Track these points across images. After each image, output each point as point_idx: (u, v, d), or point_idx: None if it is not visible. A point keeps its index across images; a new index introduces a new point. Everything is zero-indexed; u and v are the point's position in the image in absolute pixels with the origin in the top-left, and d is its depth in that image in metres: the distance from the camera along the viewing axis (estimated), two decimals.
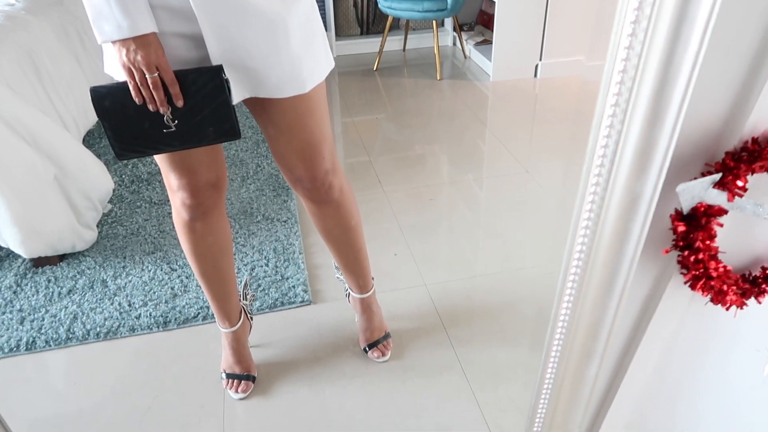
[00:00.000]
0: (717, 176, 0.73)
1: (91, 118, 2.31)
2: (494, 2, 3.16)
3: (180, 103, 1.01)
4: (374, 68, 3.57)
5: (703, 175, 0.77)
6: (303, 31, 1.06)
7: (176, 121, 1.03)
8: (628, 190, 0.66)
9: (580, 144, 2.61)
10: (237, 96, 1.07)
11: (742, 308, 0.85)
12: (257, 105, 1.14)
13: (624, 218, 0.67)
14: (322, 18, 3.74)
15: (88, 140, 2.55)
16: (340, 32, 3.79)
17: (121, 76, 1.00)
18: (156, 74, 0.97)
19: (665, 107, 0.69)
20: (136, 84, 0.98)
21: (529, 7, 3.14)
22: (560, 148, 2.58)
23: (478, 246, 1.94)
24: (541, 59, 3.30)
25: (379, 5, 3.33)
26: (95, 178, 1.95)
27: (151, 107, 1.01)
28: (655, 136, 0.71)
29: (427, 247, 1.93)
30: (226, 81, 1.02)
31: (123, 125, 1.03)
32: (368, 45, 3.82)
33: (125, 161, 2.44)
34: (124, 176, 2.34)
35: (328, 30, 3.77)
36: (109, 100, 1.00)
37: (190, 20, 0.99)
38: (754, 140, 0.70)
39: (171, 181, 1.19)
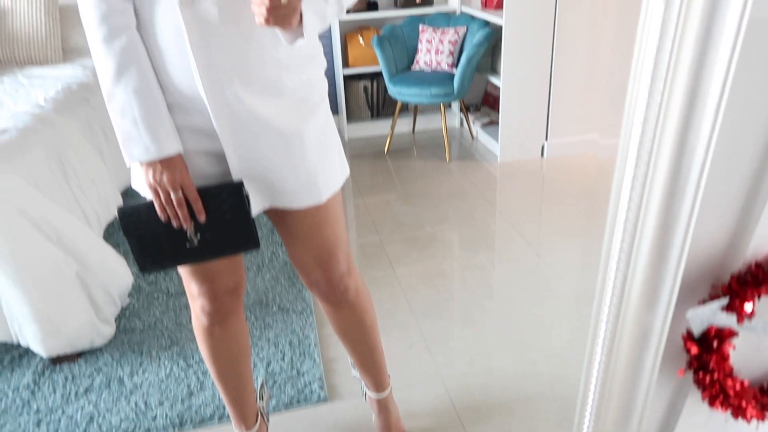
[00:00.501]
0: (725, 300, 0.75)
1: (112, 210, 2.38)
2: (498, 85, 3.29)
3: (202, 219, 1.06)
4: (385, 150, 3.67)
5: (711, 297, 0.79)
6: (319, 142, 1.12)
7: (198, 236, 1.08)
8: (639, 323, 0.68)
9: (590, 226, 2.63)
10: (256, 207, 1.12)
11: (763, 420, 0.85)
12: (275, 213, 1.19)
13: (637, 347, 0.69)
14: (334, 102, 3.89)
15: (110, 230, 2.61)
16: (351, 116, 3.92)
17: (147, 193, 1.06)
18: (180, 193, 1.03)
19: (671, 236, 0.72)
20: (162, 203, 1.03)
21: (533, 89, 3.26)
22: (569, 231, 2.61)
23: (493, 335, 1.93)
24: (546, 139, 3.38)
25: (389, 91, 3.47)
26: (116, 273, 2.00)
27: (174, 224, 1.05)
28: (663, 269, 0.74)
29: (442, 336, 1.93)
30: (246, 196, 1.07)
31: (147, 241, 1.07)
32: (379, 128, 3.94)
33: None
34: None
35: (339, 114, 3.91)
36: (135, 219, 1.05)
37: (212, 138, 1.05)
38: (758, 265, 0.72)
39: (192, 288, 1.22)
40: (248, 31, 0.97)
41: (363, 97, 3.88)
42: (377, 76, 3.80)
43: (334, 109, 3.92)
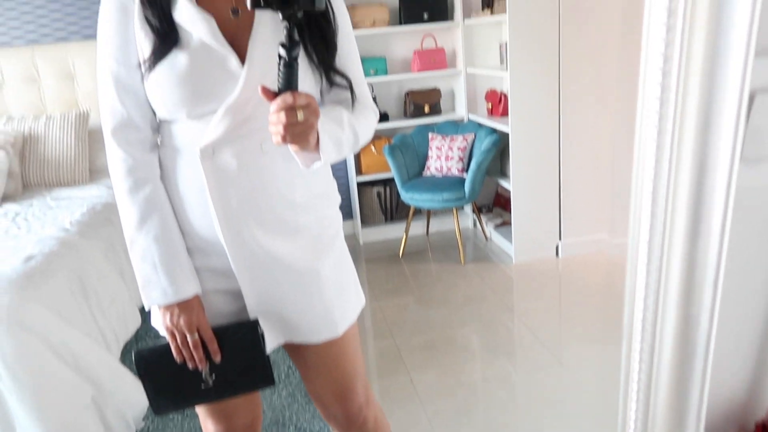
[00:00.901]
0: None
1: (130, 329, 2.40)
2: (509, 188, 3.36)
3: (218, 359, 1.07)
4: (400, 254, 3.70)
5: None
6: (334, 277, 1.14)
7: (213, 375, 1.08)
8: None
9: (610, 328, 2.59)
10: (272, 342, 1.13)
11: None
12: (293, 348, 1.20)
13: None
14: (348, 208, 3.98)
15: (128, 347, 2.62)
16: (366, 220, 4.00)
17: (164, 332, 1.08)
18: (196, 335, 1.04)
19: (689, 387, 0.71)
20: (178, 345, 1.05)
21: (543, 190, 3.32)
22: (590, 334, 2.56)
23: None
24: (560, 239, 3.40)
25: (402, 197, 3.55)
26: (131, 395, 1.98)
27: (190, 365, 1.06)
28: (684, 409, 0.73)
29: None
30: (262, 334, 1.08)
31: (163, 384, 1.08)
32: (393, 231, 4.00)
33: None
34: None
35: (353, 218, 3.99)
36: (151, 362, 1.07)
37: (229, 278, 1.08)
38: None
39: (208, 425, 1.21)
40: (265, 178, 1.02)
41: (377, 202, 3.98)
42: (390, 181, 3.91)
43: (349, 215, 4.01)
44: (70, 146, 3.03)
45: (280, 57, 0.86)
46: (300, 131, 0.88)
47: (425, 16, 3.64)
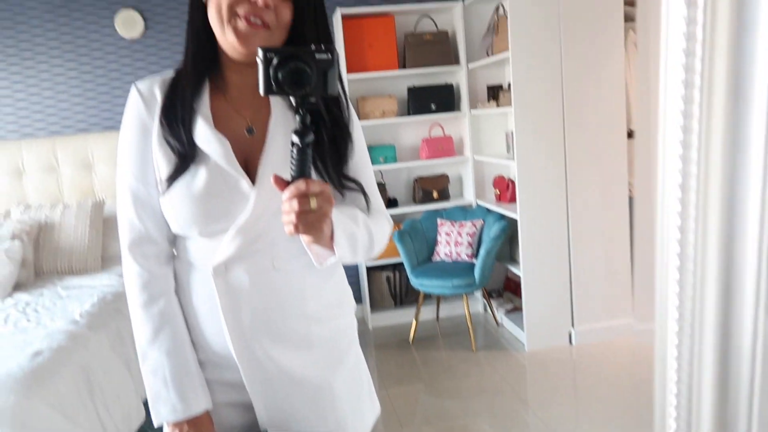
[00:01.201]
0: None
1: (134, 425, 2.34)
2: (519, 274, 3.34)
3: None
4: (410, 340, 3.65)
5: None
6: (348, 389, 1.12)
7: None
8: None
9: (630, 421, 2.49)
10: None
11: None
12: None
13: None
14: (358, 293, 3.95)
15: None
16: (375, 305, 3.97)
17: None
18: None
19: None
20: None
21: (554, 277, 3.30)
22: (609, 429, 2.46)
23: None
24: (573, 326, 3.35)
25: (411, 282, 3.54)
26: None
27: None
28: None
29: None
30: None
31: None
32: (402, 316, 3.95)
33: None
34: None
35: (362, 303, 3.96)
36: None
37: (241, 391, 1.07)
38: None
39: None
40: (277, 294, 1.03)
41: (386, 287, 3.96)
42: (399, 266, 3.91)
43: (358, 299, 3.98)
44: (85, 234, 3.07)
45: (292, 144, 0.84)
46: (313, 220, 0.85)
47: (433, 107, 3.76)
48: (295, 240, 0.98)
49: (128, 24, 3.47)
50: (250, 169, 1.01)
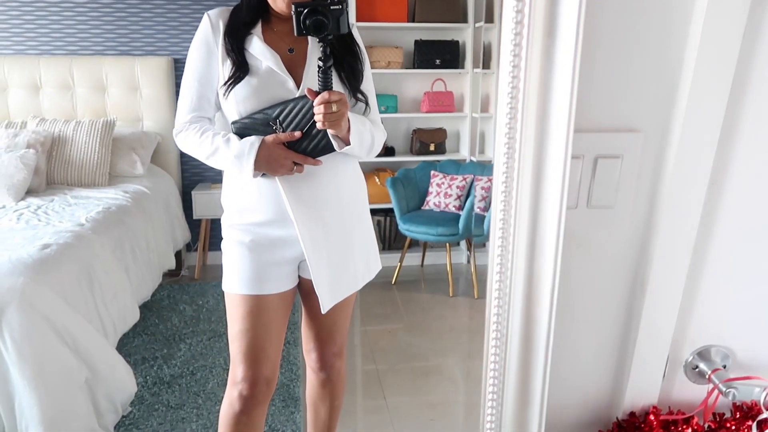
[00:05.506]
0: None
1: (128, 323, 2.57)
2: None
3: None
4: (392, 282, 3.86)
5: None
6: (361, 242, 1.52)
7: None
8: None
9: None
10: (293, 283, 1.50)
11: None
12: (307, 292, 1.52)
13: None
14: None
15: (123, 340, 2.79)
16: None
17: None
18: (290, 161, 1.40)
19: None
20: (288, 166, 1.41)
21: None
22: None
23: None
24: None
25: (399, 227, 3.73)
26: (122, 382, 2.15)
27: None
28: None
29: None
30: None
31: None
32: (389, 259, 4.15)
33: (152, 364, 2.66)
34: (148, 377, 2.53)
35: None
36: None
37: (293, 243, 1.45)
38: (632, 413, 0.87)
39: (237, 372, 1.42)
40: (319, 169, 1.41)
41: (376, 231, 4.15)
42: (390, 212, 4.10)
43: None
44: (95, 151, 3.26)
45: (319, 67, 1.26)
46: (335, 118, 1.27)
47: (437, 62, 3.88)
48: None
49: None
50: (293, 77, 1.39)
